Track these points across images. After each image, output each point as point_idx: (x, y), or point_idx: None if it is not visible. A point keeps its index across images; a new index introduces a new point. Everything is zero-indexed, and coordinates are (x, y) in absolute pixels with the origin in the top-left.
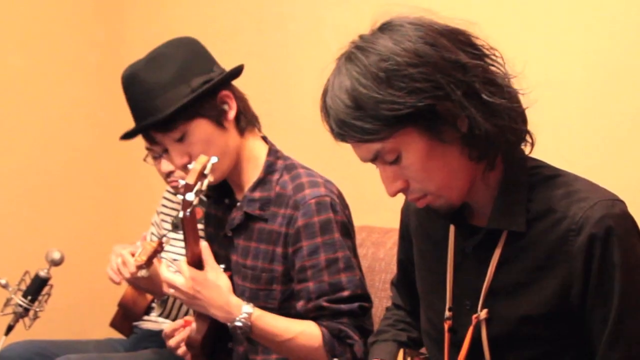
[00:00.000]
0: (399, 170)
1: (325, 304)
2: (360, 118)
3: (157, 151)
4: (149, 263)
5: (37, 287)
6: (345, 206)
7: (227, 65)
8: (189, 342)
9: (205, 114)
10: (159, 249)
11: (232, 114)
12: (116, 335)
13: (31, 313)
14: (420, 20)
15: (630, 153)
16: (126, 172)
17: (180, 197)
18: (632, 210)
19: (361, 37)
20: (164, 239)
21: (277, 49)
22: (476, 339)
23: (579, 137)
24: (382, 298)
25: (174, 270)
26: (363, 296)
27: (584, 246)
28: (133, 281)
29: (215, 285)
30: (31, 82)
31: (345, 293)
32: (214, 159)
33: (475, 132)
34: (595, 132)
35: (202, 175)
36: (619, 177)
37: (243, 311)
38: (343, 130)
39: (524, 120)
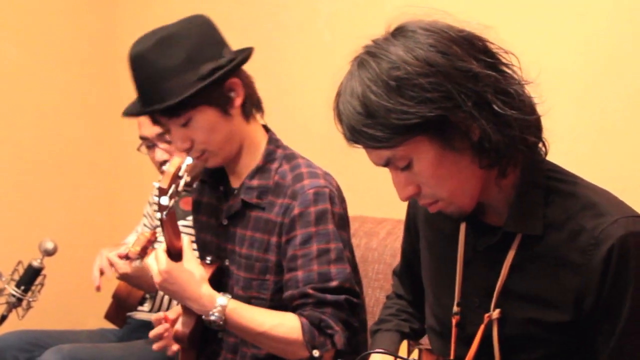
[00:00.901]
0: (411, 176)
1: (310, 291)
2: (371, 126)
3: (151, 140)
4: (143, 253)
5: (30, 277)
6: (342, 200)
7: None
8: (176, 335)
9: (211, 102)
10: (152, 239)
11: (238, 102)
12: (109, 325)
13: (24, 303)
14: (433, 25)
15: (622, 143)
16: (119, 162)
17: (156, 199)
18: (625, 198)
19: (374, 42)
20: (158, 230)
21: (270, 39)
22: (487, 337)
23: (571, 129)
24: (375, 288)
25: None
26: (351, 290)
27: (602, 261)
28: (124, 278)
29: (190, 278)
30: (23, 72)
31: (333, 283)
32: (189, 160)
33: (485, 143)
34: (587, 123)
35: (176, 178)
36: (611, 167)
37: (217, 303)
38: (354, 136)
39: (538, 128)
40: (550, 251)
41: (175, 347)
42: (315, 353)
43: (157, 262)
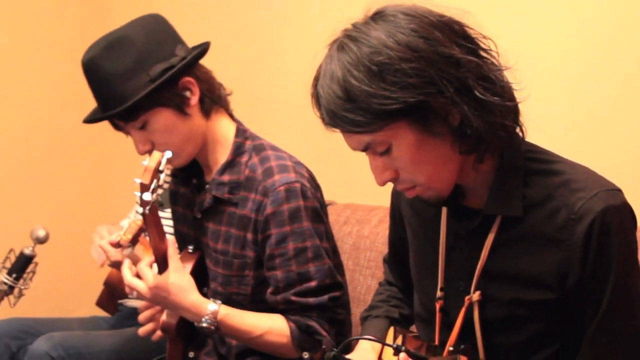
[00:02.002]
0: (389, 161)
1: (293, 298)
2: (351, 110)
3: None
4: (134, 241)
5: (22, 265)
6: (316, 188)
7: (212, 42)
8: (163, 327)
9: (165, 103)
10: (144, 227)
11: (194, 100)
12: (101, 313)
13: (16, 291)
14: (414, 10)
15: (613, 132)
16: (111, 150)
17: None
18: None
19: (354, 25)
20: None
21: (263, 29)
22: (468, 320)
23: (562, 118)
24: (367, 276)
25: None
26: (332, 285)
27: (583, 236)
28: (116, 266)
29: (179, 289)
30: (13, 61)
31: (313, 284)
32: (168, 154)
33: (466, 129)
34: (578, 112)
35: (157, 172)
36: (601, 155)
37: (208, 310)
38: (334, 120)
39: (516, 114)
40: (531, 231)
41: (160, 332)
42: (305, 355)
43: (143, 279)
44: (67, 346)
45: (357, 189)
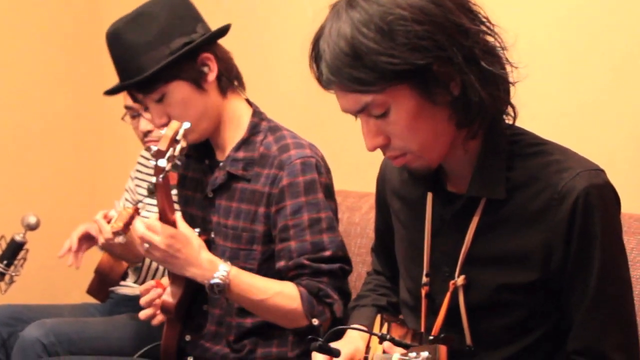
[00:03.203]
0: (383, 126)
1: (306, 262)
2: (357, 67)
3: (136, 110)
4: (125, 229)
5: (13, 252)
6: (328, 170)
7: (211, 24)
8: (163, 306)
9: (183, 77)
10: (135, 215)
11: (212, 76)
12: (92, 300)
13: (7, 277)
14: None
15: (604, 116)
16: (101, 137)
17: (152, 162)
18: (607, 172)
19: None
20: (140, 205)
21: (253, 15)
22: (453, 305)
23: (553, 102)
24: (357, 263)
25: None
26: (344, 258)
27: (566, 215)
28: (107, 248)
29: (194, 243)
30: (5, 47)
31: (327, 253)
32: (187, 125)
33: (470, 98)
34: (569, 97)
35: (174, 141)
36: (592, 140)
37: (221, 269)
38: (336, 77)
39: (508, 92)
40: (514, 213)
41: (160, 316)
42: (315, 322)
43: (157, 232)
44: (58, 333)
45: (347, 176)
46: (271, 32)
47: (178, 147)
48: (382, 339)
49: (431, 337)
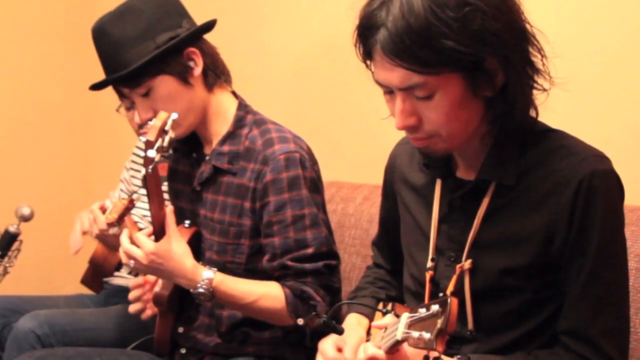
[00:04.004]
0: (421, 108)
1: (289, 262)
2: (422, 46)
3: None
4: (120, 220)
5: (6, 243)
6: (314, 162)
7: (200, 19)
8: (155, 298)
9: (169, 71)
10: (130, 206)
11: (197, 71)
12: (86, 291)
13: (1, 269)
14: None
15: (595, 103)
16: (96, 127)
17: (137, 157)
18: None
19: None
20: (135, 196)
21: (247, 4)
22: (458, 289)
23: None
24: (351, 254)
25: (143, 227)
26: (328, 254)
27: (570, 198)
28: (102, 238)
29: (176, 255)
30: None
31: (310, 250)
32: (175, 115)
33: (516, 97)
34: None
35: (162, 132)
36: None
37: (204, 277)
38: (397, 50)
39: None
40: (522, 197)
41: (149, 311)
42: (300, 321)
43: (140, 246)
44: (52, 324)
45: (341, 167)
46: (266, 23)
47: (167, 138)
48: (386, 314)
49: (441, 294)
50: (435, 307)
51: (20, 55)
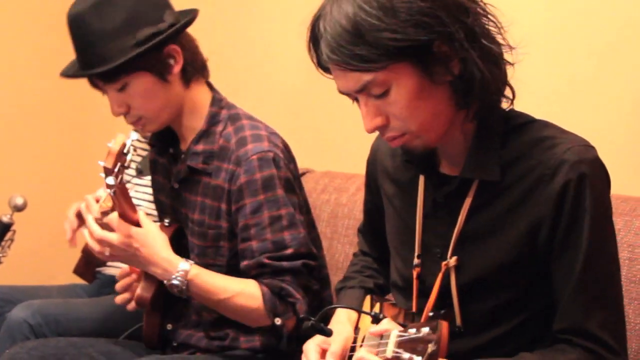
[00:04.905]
0: (383, 106)
1: (266, 260)
2: (358, 44)
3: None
4: (114, 209)
5: (0, 233)
6: (290, 160)
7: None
8: (138, 300)
9: (148, 68)
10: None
11: (177, 68)
12: (79, 281)
13: None
14: None
15: (591, 97)
16: (89, 117)
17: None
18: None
19: None
20: (129, 185)
21: None
22: (445, 286)
23: (540, 83)
24: (344, 244)
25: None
26: (307, 254)
27: (557, 190)
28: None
29: (154, 241)
30: None
31: (289, 251)
32: (134, 136)
33: (471, 76)
34: (557, 78)
35: (121, 155)
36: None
37: (179, 268)
38: (337, 55)
39: (506, 73)
40: (507, 191)
41: (134, 303)
42: (278, 321)
43: (115, 230)
44: (45, 314)
45: (335, 157)
46: (260, 10)
47: (128, 157)
48: (375, 318)
49: (431, 313)
50: (425, 330)
51: (12, 47)
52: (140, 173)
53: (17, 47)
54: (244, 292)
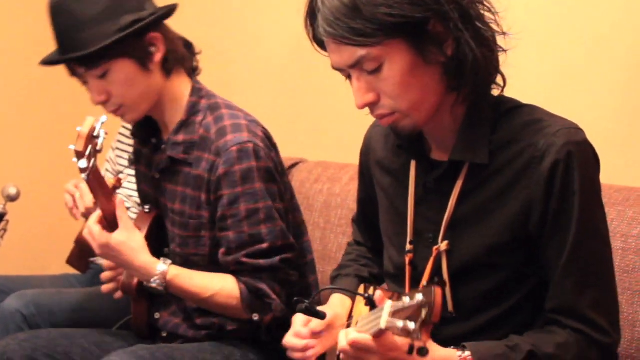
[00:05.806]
0: (375, 82)
1: (244, 259)
2: (355, 18)
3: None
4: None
5: None
6: (270, 148)
7: (190, 2)
8: (123, 287)
9: (129, 55)
10: (117, 186)
11: (158, 57)
12: (72, 271)
13: None
14: None
15: (582, 88)
16: (82, 106)
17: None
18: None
19: None
20: (122, 176)
21: None
22: (436, 271)
23: (532, 73)
24: (338, 234)
25: (129, 206)
26: (284, 247)
27: (547, 172)
28: (88, 217)
29: (129, 249)
30: None
31: (265, 245)
32: (104, 118)
33: (463, 58)
34: (549, 68)
35: (91, 138)
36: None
37: (157, 270)
38: (333, 28)
39: (498, 58)
40: (496, 175)
41: (120, 292)
42: (255, 317)
43: (92, 238)
44: (39, 304)
45: (328, 147)
46: (254, 5)
47: (99, 141)
48: (369, 300)
49: (424, 283)
50: (419, 297)
51: (3, 37)
52: (133, 163)
53: (8, 37)
54: (223, 291)
